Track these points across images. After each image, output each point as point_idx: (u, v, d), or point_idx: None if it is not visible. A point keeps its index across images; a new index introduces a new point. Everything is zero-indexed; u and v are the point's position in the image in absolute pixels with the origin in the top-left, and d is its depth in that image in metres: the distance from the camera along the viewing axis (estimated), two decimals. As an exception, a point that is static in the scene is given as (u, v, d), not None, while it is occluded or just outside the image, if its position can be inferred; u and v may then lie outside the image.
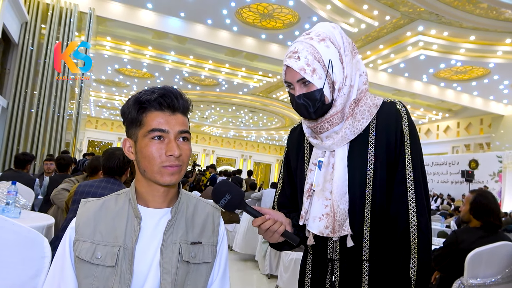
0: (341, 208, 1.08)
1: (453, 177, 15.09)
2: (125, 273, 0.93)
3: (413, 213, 1.06)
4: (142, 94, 0.97)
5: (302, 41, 1.08)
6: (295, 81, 1.07)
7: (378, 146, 1.10)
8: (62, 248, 0.98)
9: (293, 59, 1.05)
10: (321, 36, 1.08)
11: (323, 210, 1.11)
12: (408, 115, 1.13)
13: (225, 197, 1.01)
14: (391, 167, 1.10)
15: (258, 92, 14.70)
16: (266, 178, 26.59)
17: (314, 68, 1.04)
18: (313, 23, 8.96)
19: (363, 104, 1.12)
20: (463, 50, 10.12)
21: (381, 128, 1.11)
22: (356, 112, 1.11)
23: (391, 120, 1.11)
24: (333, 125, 1.11)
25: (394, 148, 1.09)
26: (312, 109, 1.08)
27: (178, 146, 0.96)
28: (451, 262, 2.39)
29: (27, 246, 1.16)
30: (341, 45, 1.10)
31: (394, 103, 1.14)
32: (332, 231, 1.08)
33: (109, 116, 22.25)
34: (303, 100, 1.08)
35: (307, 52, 1.05)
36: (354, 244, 1.09)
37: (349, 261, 1.12)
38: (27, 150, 7.88)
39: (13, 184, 2.62)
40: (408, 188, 1.07)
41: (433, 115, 16.63)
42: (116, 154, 2.51)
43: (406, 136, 1.10)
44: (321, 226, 1.10)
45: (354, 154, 1.11)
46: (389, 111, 1.12)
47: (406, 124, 1.11)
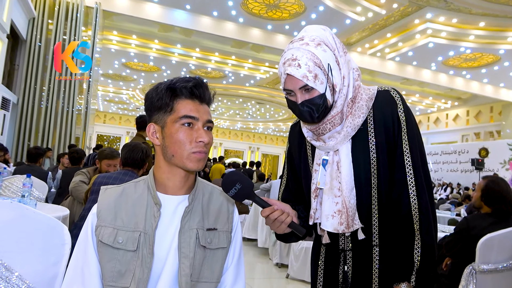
0: (351, 203, 1.11)
1: (463, 166, 14.97)
2: (146, 257, 0.96)
3: (414, 197, 1.09)
4: (175, 82, 1.02)
5: (299, 48, 1.07)
6: (297, 89, 1.08)
7: (377, 135, 1.13)
8: (84, 234, 1.01)
9: (294, 67, 1.05)
10: (316, 41, 1.08)
11: (334, 208, 1.13)
12: (403, 101, 1.14)
13: (235, 186, 1.02)
14: (391, 153, 1.12)
15: (265, 83, 14.66)
16: (274, 170, 26.63)
17: (316, 74, 1.05)
18: (320, 12, 8.88)
19: (360, 100, 1.13)
20: (473, 37, 9.97)
21: (378, 117, 1.13)
22: (355, 109, 1.13)
23: (387, 109, 1.13)
24: (335, 125, 1.13)
25: (392, 135, 1.12)
26: (316, 113, 1.09)
27: (206, 133, 1.01)
28: (463, 248, 2.40)
29: (47, 234, 1.19)
30: (335, 47, 1.11)
31: (388, 91, 1.16)
32: (347, 227, 1.11)
33: (117, 111, 22.38)
34: (307, 107, 1.09)
35: (307, 58, 1.05)
36: (364, 235, 1.12)
37: (360, 249, 1.15)
38: (37, 144, 7.99)
39: (28, 177, 2.67)
40: (407, 173, 1.10)
41: (442, 104, 16.46)
42: (139, 147, 2.54)
43: (403, 122, 1.12)
44: (335, 223, 1.12)
45: (357, 148, 1.13)
46: (384, 100, 1.14)
47: (402, 111, 1.12)
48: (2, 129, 7.21)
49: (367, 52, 11.70)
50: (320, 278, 1.24)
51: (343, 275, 1.17)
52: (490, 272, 2.16)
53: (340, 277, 1.18)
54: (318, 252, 1.27)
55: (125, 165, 2.56)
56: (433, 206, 1.13)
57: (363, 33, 10.27)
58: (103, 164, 3.17)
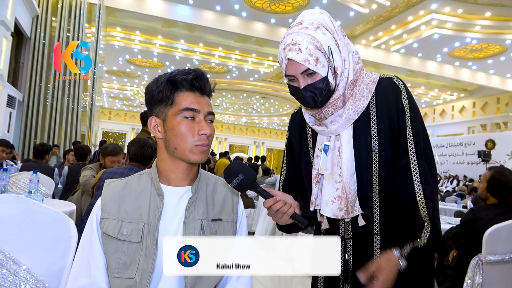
0: (352, 189, 1.10)
1: (469, 158, 14.86)
2: (150, 248, 0.97)
3: (418, 183, 1.08)
4: (175, 74, 1.01)
5: (299, 32, 1.06)
6: (299, 73, 1.07)
7: (380, 122, 1.12)
8: (89, 226, 1.03)
9: (295, 52, 1.04)
10: (314, 24, 1.07)
11: (334, 193, 1.13)
12: (406, 88, 1.14)
13: (238, 177, 1.02)
14: (395, 141, 1.12)
15: (269, 77, 14.62)
16: (279, 164, 26.62)
17: (317, 58, 1.04)
18: (323, 5, 8.81)
19: (361, 83, 1.13)
20: (479, 27, 9.86)
21: (381, 104, 1.12)
22: (356, 92, 1.12)
23: (391, 96, 1.12)
24: (337, 108, 1.12)
25: (396, 122, 1.11)
26: (320, 98, 1.08)
27: (208, 126, 1.01)
28: (469, 240, 2.39)
29: (54, 227, 1.20)
30: (333, 30, 1.10)
31: (391, 78, 1.15)
32: (346, 213, 1.10)
33: (122, 107, 22.45)
34: (310, 92, 1.08)
35: (307, 42, 1.04)
36: (365, 222, 1.12)
37: (361, 237, 1.15)
38: (43, 141, 8.05)
39: (35, 173, 2.69)
40: (411, 160, 1.09)
41: (448, 96, 16.33)
42: (148, 143, 2.56)
43: (406, 109, 1.11)
44: (334, 209, 1.12)
45: (358, 133, 1.13)
46: (387, 87, 1.13)
47: (405, 98, 1.12)
48: (9, 126, 7.26)
49: (371, 45, 11.61)
50: None
51: (344, 264, 1.16)
52: (497, 263, 2.15)
53: (341, 266, 1.17)
54: None
55: (134, 160, 2.58)
56: (437, 195, 1.13)
57: (367, 25, 10.19)
58: (107, 160, 3.20)
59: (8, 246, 1.15)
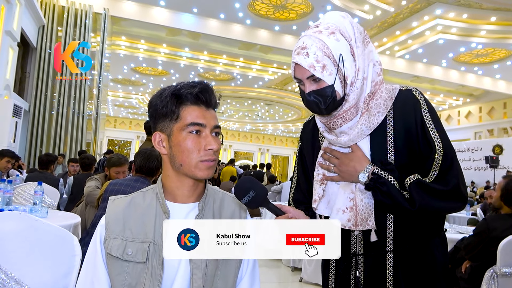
0: (364, 202, 1.06)
1: (477, 164, 14.71)
2: (156, 269, 0.93)
3: None
4: (180, 88, 0.97)
5: (311, 35, 1.03)
6: (305, 78, 1.04)
7: (397, 135, 1.07)
8: (93, 246, 0.99)
9: (302, 56, 1.02)
10: (330, 29, 1.04)
11: (347, 203, 1.09)
12: (426, 101, 1.09)
13: (249, 194, 0.98)
14: (412, 156, 1.07)
15: (273, 84, 14.63)
16: (284, 171, 26.55)
17: (324, 64, 1.01)
18: (327, 12, 8.81)
19: (378, 98, 1.08)
20: (484, 32, 9.80)
21: (399, 117, 1.08)
22: (371, 106, 1.07)
23: (409, 109, 1.08)
24: (347, 120, 1.08)
25: (416, 136, 1.06)
26: (324, 105, 1.05)
27: (214, 140, 0.97)
28: (483, 251, 2.32)
29: (57, 245, 1.17)
30: (352, 37, 1.06)
31: (411, 90, 1.10)
32: (354, 224, 1.07)
33: (127, 115, 22.55)
34: (313, 97, 1.05)
35: (316, 47, 1.01)
36: (377, 238, 1.08)
37: (373, 254, 1.10)
38: (49, 150, 8.08)
39: (39, 185, 2.67)
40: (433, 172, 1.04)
41: (454, 101, 16.23)
42: (154, 155, 2.54)
43: (429, 122, 1.06)
44: (343, 219, 1.08)
45: (374, 146, 1.09)
46: (406, 100, 1.09)
47: (426, 111, 1.07)
48: (15, 136, 7.29)
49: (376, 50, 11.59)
50: (332, 283, 1.20)
51: (355, 281, 1.12)
52: (512, 275, 2.08)
53: (351, 283, 1.13)
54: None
55: (139, 172, 2.55)
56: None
57: (371, 31, 10.18)
58: (112, 171, 3.18)
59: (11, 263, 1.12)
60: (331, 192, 1.15)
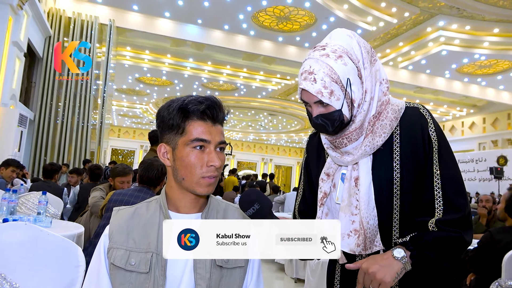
0: (370, 224, 1.05)
1: (481, 175, 14.59)
2: (158, 279, 0.94)
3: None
4: (187, 103, 0.97)
5: (318, 59, 1.01)
6: (312, 103, 1.04)
7: (403, 153, 1.06)
8: (97, 256, 1.00)
9: (309, 82, 1.00)
10: (337, 52, 1.02)
11: (350, 226, 1.08)
12: (433, 119, 1.08)
13: (253, 206, 0.99)
14: (419, 173, 1.05)
15: (276, 95, 14.67)
16: (287, 181, 26.46)
17: (332, 90, 1.00)
18: (330, 23, 8.88)
19: (384, 118, 1.07)
20: (487, 44, 9.83)
21: (405, 135, 1.07)
22: (377, 126, 1.06)
23: (416, 126, 1.07)
24: (352, 141, 1.08)
25: (423, 154, 1.05)
26: (331, 128, 1.05)
27: (218, 156, 0.97)
28: (487, 263, 2.30)
29: (61, 255, 1.17)
30: (359, 58, 1.05)
31: (417, 108, 1.10)
32: (364, 249, 1.06)
33: (131, 125, 22.65)
34: (321, 120, 1.05)
35: (324, 73, 1.00)
36: None
37: None
38: (54, 160, 8.12)
39: (44, 194, 2.69)
40: (435, 196, 1.02)
41: (457, 112, 16.19)
42: (155, 165, 2.55)
43: (434, 142, 1.05)
44: (351, 244, 1.07)
45: (379, 164, 1.08)
46: (413, 117, 1.08)
47: (433, 130, 1.06)
48: (20, 145, 7.34)
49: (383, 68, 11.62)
50: None
51: None
52: (518, 288, 2.06)
53: None
54: (333, 271, 1.22)
55: (141, 182, 2.57)
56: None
57: (374, 42, 10.23)
58: (116, 181, 3.20)
59: (15, 274, 1.13)
60: (333, 209, 1.15)
